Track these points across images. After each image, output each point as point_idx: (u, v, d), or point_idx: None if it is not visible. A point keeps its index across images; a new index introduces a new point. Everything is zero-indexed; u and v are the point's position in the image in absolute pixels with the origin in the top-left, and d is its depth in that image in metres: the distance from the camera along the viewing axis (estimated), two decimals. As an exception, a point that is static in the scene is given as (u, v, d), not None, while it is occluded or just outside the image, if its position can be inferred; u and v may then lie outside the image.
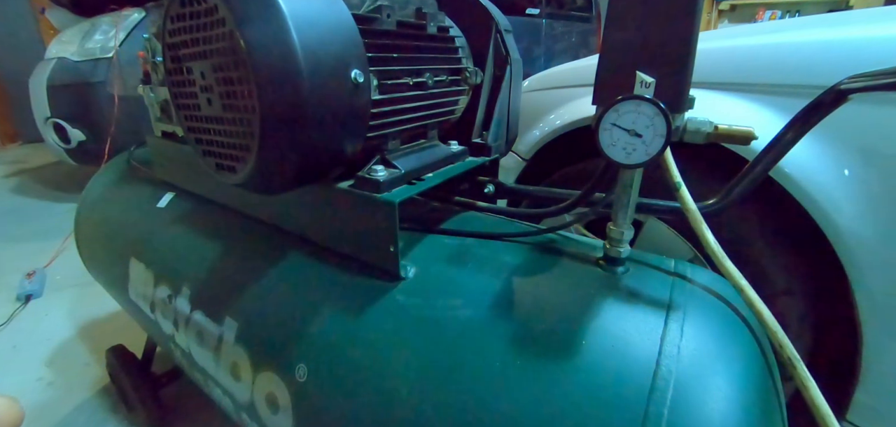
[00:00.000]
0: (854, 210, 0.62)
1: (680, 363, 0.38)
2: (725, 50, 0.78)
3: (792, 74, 0.67)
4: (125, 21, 2.24)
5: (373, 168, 0.55)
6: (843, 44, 0.66)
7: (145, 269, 0.80)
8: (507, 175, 1.05)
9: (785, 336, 0.44)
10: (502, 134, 0.74)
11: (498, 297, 0.48)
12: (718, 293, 0.47)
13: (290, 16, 0.43)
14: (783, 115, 0.64)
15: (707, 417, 0.35)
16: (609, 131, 0.42)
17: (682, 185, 0.48)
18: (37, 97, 2.27)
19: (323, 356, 0.51)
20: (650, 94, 0.41)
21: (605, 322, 0.43)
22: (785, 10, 4.22)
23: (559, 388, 0.39)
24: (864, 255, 0.62)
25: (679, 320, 0.42)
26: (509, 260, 0.54)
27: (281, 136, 0.46)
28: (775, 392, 0.44)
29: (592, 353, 0.40)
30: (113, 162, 1.13)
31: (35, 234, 2.14)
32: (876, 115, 0.60)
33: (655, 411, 0.36)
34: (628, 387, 0.37)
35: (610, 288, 0.47)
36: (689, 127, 0.46)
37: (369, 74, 0.52)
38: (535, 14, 3.03)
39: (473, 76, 0.71)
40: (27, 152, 3.81)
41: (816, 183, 0.64)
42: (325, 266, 0.58)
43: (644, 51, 0.41)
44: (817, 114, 0.44)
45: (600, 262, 0.52)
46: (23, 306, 1.53)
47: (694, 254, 0.77)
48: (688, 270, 0.50)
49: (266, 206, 0.70)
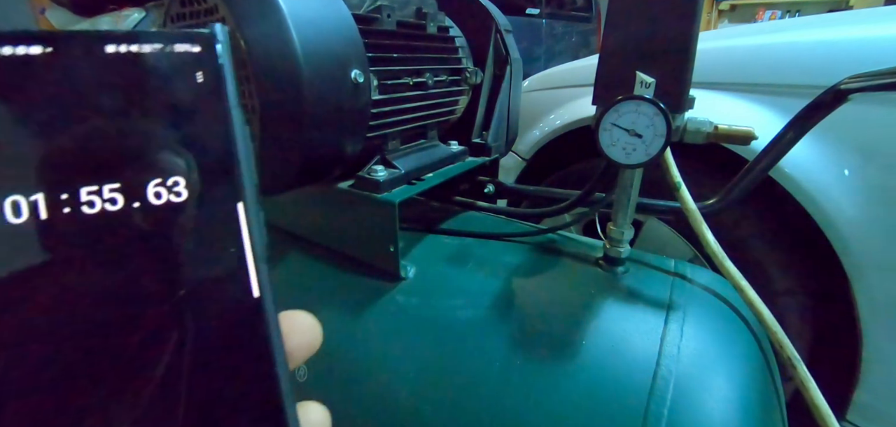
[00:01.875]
0: (854, 210, 0.62)
1: (680, 363, 0.38)
2: (725, 50, 0.78)
3: (792, 74, 0.68)
4: (125, 21, 2.24)
5: (373, 168, 0.55)
6: (843, 44, 0.66)
7: (145, 269, 0.80)
8: (507, 175, 1.05)
9: (785, 336, 0.44)
10: (502, 134, 0.74)
11: (498, 297, 0.48)
12: (718, 293, 0.47)
13: (290, 16, 0.43)
14: (783, 115, 0.64)
15: (707, 417, 0.35)
16: (609, 131, 0.42)
17: (682, 185, 0.48)
18: (37, 97, 2.27)
19: (323, 356, 0.51)
20: (650, 94, 0.41)
21: (605, 322, 0.43)
22: (785, 10, 4.22)
23: (559, 389, 0.39)
24: (864, 255, 0.62)
25: (679, 320, 0.42)
26: (509, 260, 0.54)
27: (281, 136, 0.46)
28: (775, 392, 0.44)
29: (592, 353, 0.40)
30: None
31: (35, 234, 2.14)
32: (876, 115, 0.60)
33: (655, 411, 0.36)
34: (628, 387, 0.37)
35: (610, 288, 0.47)
36: (689, 127, 0.46)
37: (369, 74, 0.52)
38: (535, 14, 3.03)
39: (473, 76, 0.71)
40: (27, 152, 3.81)
41: (816, 183, 0.64)
42: (324, 266, 0.58)
43: (644, 51, 0.41)
44: (817, 114, 0.44)
45: (600, 262, 0.52)
46: (23, 306, 1.53)
47: (694, 254, 0.77)
48: (688, 270, 0.50)
49: (266, 206, 0.70)
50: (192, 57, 0.15)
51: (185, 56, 0.15)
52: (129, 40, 0.14)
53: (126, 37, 0.14)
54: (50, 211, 0.13)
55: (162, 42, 0.14)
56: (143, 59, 0.14)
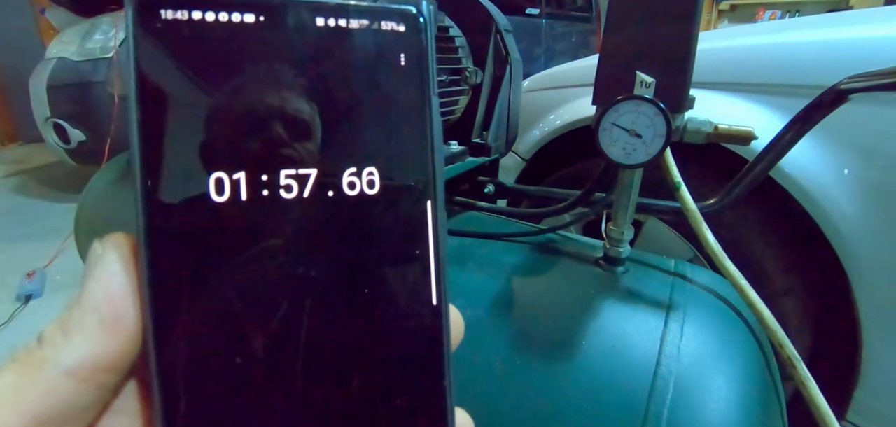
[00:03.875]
0: (854, 210, 0.62)
1: (680, 363, 0.38)
2: (725, 50, 0.78)
3: (792, 74, 0.68)
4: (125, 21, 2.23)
5: (373, 168, 0.55)
6: (843, 44, 0.66)
7: (145, 269, 0.80)
8: (507, 175, 1.05)
9: (785, 336, 0.44)
10: (502, 134, 0.74)
11: (498, 297, 0.48)
12: (718, 293, 0.47)
13: (290, 16, 0.43)
14: (783, 115, 0.64)
15: (707, 417, 0.35)
16: (609, 131, 0.42)
17: (682, 185, 0.48)
18: (37, 97, 2.27)
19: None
20: (650, 94, 0.41)
21: (605, 322, 0.43)
22: (785, 10, 4.22)
23: (559, 388, 0.39)
24: (864, 255, 0.62)
25: (679, 320, 0.42)
26: (509, 260, 0.54)
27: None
28: (775, 392, 0.44)
29: (592, 353, 0.40)
30: (113, 162, 1.12)
31: (35, 234, 2.14)
32: (876, 115, 0.60)
33: (655, 411, 0.36)
34: (628, 387, 0.37)
35: (610, 288, 0.47)
36: (689, 127, 0.46)
37: (369, 74, 0.52)
38: (535, 14, 3.03)
39: (473, 76, 0.71)
40: (27, 152, 3.81)
41: (816, 183, 0.64)
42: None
43: (644, 51, 0.41)
44: (817, 114, 0.44)
45: (600, 262, 0.52)
46: (23, 306, 1.53)
47: (694, 254, 0.77)
48: (688, 270, 0.50)
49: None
50: (396, 37, 0.14)
51: (390, 35, 0.14)
52: (338, 13, 0.13)
53: (335, 9, 0.13)
54: (250, 189, 0.13)
55: (369, 18, 0.14)
56: (349, 36, 0.13)
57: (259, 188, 0.13)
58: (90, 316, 0.12)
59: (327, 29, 0.13)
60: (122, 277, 0.12)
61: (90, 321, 0.12)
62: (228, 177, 0.12)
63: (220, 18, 0.12)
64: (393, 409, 0.14)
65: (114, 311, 0.12)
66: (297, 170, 0.13)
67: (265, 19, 0.13)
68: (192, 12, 0.12)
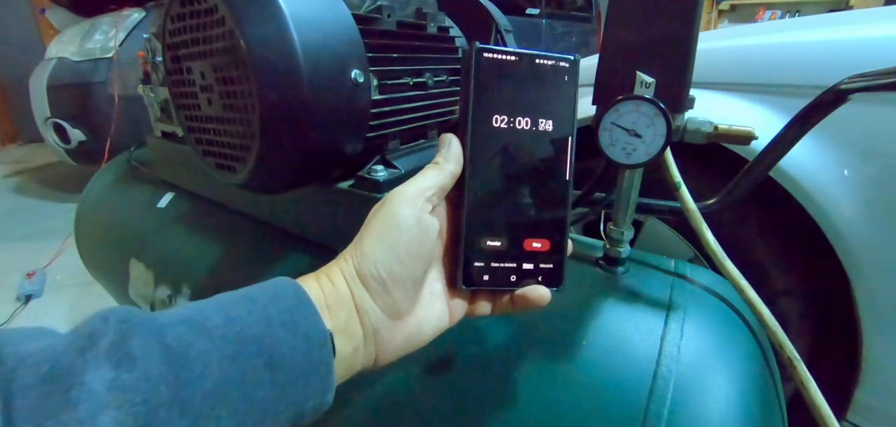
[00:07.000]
0: (854, 210, 0.62)
1: (680, 363, 0.38)
2: (725, 50, 0.78)
3: (792, 74, 0.67)
4: (125, 21, 2.23)
5: (373, 168, 0.55)
6: (843, 44, 0.66)
7: (145, 269, 0.80)
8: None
9: (785, 336, 0.44)
10: (502, 134, 0.74)
11: (498, 297, 0.48)
12: (718, 293, 0.47)
13: (290, 15, 0.43)
14: (783, 115, 0.64)
15: (707, 418, 0.35)
16: (609, 131, 0.42)
17: (682, 185, 0.48)
18: (37, 97, 2.27)
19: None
20: (650, 94, 0.41)
21: (605, 322, 0.43)
22: (785, 10, 4.22)
23: (559, 388, 0.39)
24: (865, 255, 0.62)
25: (679, 320, 0.42)
26: (509, 260, 0.54)
27: (281, 136, 0.46)
28: (775, 392, 0.44)
29: (592, 353, 0.40)
30: (113, 162, 1.13)
31: (35, 234, 2.14)
32: (876, 115, 0.60)
33: (655, 411, 0.36)
34: (628, 387, 0.37)
35: (610, 288, 0.47)
36: (689, 127, 0.46)
37: (369, 74, 0.52)
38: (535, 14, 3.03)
39: (473, 76, 0.71)
40: (27, 152, 3.81)
41: (816, 183, 0.63)
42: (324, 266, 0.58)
43: (644, 51, 0.41)
44: (817, 114, 0.44)
45: (600, 262, 0.52)
46: (23, 306, 1.53)
47: (694, 254, 0.77)
48: (688, 270, 0.50)
49: (266, 205, 0.70)
50: (564, 67, 0.31)
51: (562, 65, 0.31)
52: (543, 58, 0.31)
53: (542, 55, 0.31)
54: (508, 124, 0.31)
55: (554, 59, 0.31)
56: (547, 66, 0.31)
57: (511, 132, 0.31)
58: (454, 157, 0.31)
59: (545, 66, 0.31)
60: (459, 148, 0.31)
61: (453, 159, 0.31)
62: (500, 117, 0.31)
63: (505, 58, 0.30)
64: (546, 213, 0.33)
65: (458, 158, 0.31)
66: (525, 118, 0.31)
67: (519, 60, 0.31)
68: (495, 55, 0.30)
